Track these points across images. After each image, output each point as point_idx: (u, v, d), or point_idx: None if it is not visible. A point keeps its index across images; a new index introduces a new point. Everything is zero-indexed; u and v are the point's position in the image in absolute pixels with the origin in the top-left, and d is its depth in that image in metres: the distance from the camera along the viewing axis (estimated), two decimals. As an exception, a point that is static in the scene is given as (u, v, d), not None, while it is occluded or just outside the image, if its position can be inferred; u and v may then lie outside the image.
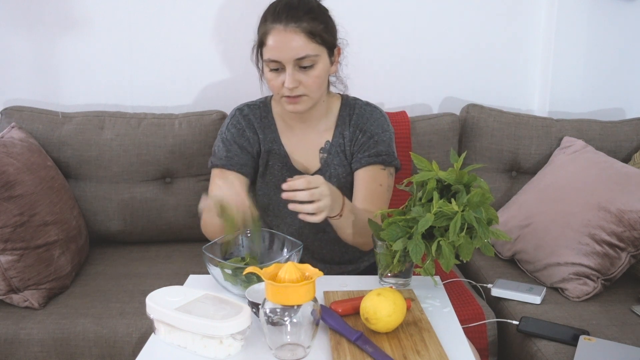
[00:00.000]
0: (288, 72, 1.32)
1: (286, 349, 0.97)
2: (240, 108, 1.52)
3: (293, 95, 1.35)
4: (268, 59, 1.33)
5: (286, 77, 1.32)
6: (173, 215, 2.00)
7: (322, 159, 1.48)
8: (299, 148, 1.49)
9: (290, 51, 1.31)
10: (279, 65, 1.33)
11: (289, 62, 1.31)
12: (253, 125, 1.49)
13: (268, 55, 1.33)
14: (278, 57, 1.32)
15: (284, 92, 1.35)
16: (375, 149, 1.44)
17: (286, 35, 1.31)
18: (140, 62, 2.14)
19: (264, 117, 1.50)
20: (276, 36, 1.31)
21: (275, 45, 1.31)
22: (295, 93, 1.34)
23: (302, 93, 1.35)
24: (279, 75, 1.34)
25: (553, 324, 1.47)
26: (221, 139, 1.49)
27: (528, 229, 1.81)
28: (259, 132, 1.49)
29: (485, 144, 2.08)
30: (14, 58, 2.10)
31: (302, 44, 1.31)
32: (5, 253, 1.55)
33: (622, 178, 1.75)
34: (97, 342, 1.51)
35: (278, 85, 1.35)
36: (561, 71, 2.20)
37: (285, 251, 1.27)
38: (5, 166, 1.59)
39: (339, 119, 1.49)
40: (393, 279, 1.25)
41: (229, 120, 1.51)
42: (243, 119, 1.49)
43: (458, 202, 1.10)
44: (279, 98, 1.39)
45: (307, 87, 1.35)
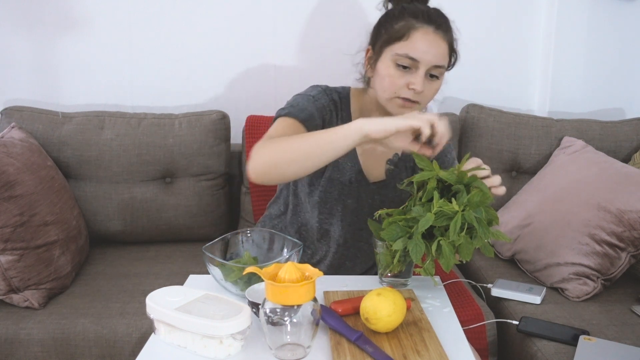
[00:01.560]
0: (420, 74, 1.26)
1: (286, 349, 0.97)
2: (329, 89, 1.40)
3: (413, 100, 1.29)
4: (405, 54, 1.26)
5: (417, 79, 1.26)
6: (173, 215, 2.00)
7: (388, 170, 1.44)
8: (368, 153, 1.43)
9: (434, 55, 1.26)
10: (412, 65, 1.26)
11: (426, 65, 1.26)
12: (337, 112, 1.40)
13: (407, 50, 1.26)
14: (419, 57, 1.25)
15: (404, 93, 1.28)
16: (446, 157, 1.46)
17: (435, 39, 1.26)
18: (140, 62, 2.14)
19: (342, 110, 1.42)
20: (425, 36, 1.26)
21: (421, 44, 1.25)
22: (416, 98, 1.28)
23: (419, 100, 1.29)
24: (404, 74, 1.27)
25: (553, 324, 1.47)
26: (307, 99, 1.35)
27: (528, 229, 1.82)
28: (338, 121, 1.40)
29: (485, 144, 2.08)
30: (14, 58, 2.10)
31: (444, 53, 1.28)
32: (5, 253, 1.55)
33: (622, 178, 1.75)
34: (97, 342, 1.51)
35: (400, 84, 1.28)
36: (561, 71, 2.20)
37: (285, 251, 1.27)
38: (5, 166, 1.59)
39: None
40: (393, 279, 1.25)
41: (318, 92, 1.38)
42: (330, 101, 1.39)
43: (458, 202, 1.10)
44: (390, 97, 1.30)
45: (426, 96, 1.30)
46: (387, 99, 1.30)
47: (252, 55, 2.17)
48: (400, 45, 1.26)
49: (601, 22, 2.17)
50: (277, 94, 2.19)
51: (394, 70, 1.27)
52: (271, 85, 2.19)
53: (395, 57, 1.27)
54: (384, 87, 1.29)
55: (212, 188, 2.03)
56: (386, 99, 1.31)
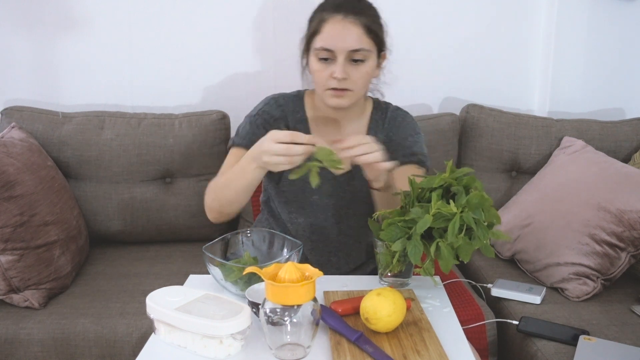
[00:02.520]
0: (339, 62, 1.30)
1: (286, 349, 0.97)
2: (275, 97, 1.47)
3: (340, 88, 1.32)
4: (320, 47, 1.31)
5: (337, 67, 1.30)
6: (173, 215, 2.00)
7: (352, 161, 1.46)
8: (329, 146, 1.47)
9: (347, 41, 1.29)
10: (331, 55, 1.31)
11: (342, 52, 1.30)
12: (286, 117, 1.45)
13: (321, 43, 1.31)
14: (332, 46, 1.30)
15: (330, 83, 1.32)
16: (410, 150, 1.45)
17: (345, 25, 1.30)
18: (140, 62, 2.14)
19: (296, 112, 1.46)
20: (334, 25, 1.30)
21: (331, 34, 1.30)
22: (342, 86, 1.32)
23: (348, 87, 1.33)
24: (327, 66, 1.32)
25: (553, 324, 1.47)
26: (249, 122, 1.44)
27: (528, 229, 1.82)
28: (290, 126, 1.44)
29: (485, 144, 2.08)
30: (14, 58, 2.10)
31: (359, 37, 1.30)
32: (5, 253, 1.55)
33: (622, 178, 1.75)
34: (97, 342, 1.51)
35: (326, 76, 1.32)
36: (561, 71, 2.20)
37: (285, 251, 1.27)
38: (5, 166, 1.59)
39: (372, 122, 1.48)
40: (393, 279, 1.25)
41: (262, 106, 1.46)
42: (278, 108, 1.45)
43: (457, 203, 1.10)
44: (322, 91, 1.35)
45: (355, 82, 1.33)
46: (321, 93, 1.37)
47: (252, 55, 2.16)
48: (317, 40, 1.33)
49: (601, 22, 2.17)
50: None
51: (318, 65, 1.33)
52: (271, 85, 2.18)
53: (315, 52, 1.33)
54: (316, 82, 1.37)
55: (212, 188, 2.03)
56: (321, 94, 1.37)
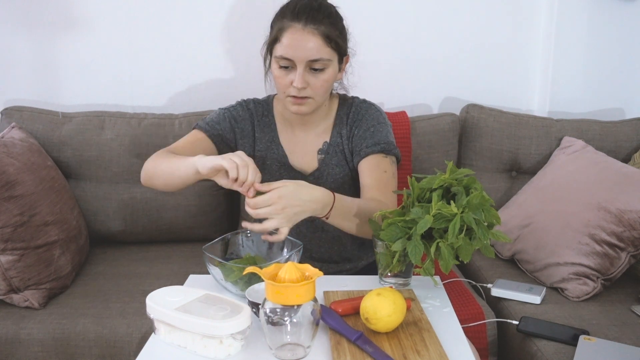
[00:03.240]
0: (299, 72, 1.31)
1: (286, 349, 0.97)
2: (247, 100, 1.52)
3: (299, 96, 1.34)
4: (280, 56, 1.32)
5: (296, 77, 1.31)
6: (173, 215, 2.00)
7: (319, 160, 1.49)
8: (297, 149, 1.49)
9: (305, 52, 1.30)
10: (290, 64, 1.32)
11: (302, 62, 1.31)
12: (253, 120, 1.49)
13: (281, 52, 1.32)
14: (291, 56, 1.31)
15: (290, 91, 1.34)
16: (373, 139, 1.44)
17: (304, 35, 1.30)
18: (140, 62, 2.14)
19: (264, 116, 1.50)
20: (293, 34, 1.30)
21: (290, 44, 1.30)
22: (301, 94, 1.34)
23: (308, 95, 1.35)
24: (287, 73, 1.34)
25: (553, 324, 1.47)
26: (218, 112, 1.49)
27: (528, 229, 1.82)
28: (257, 129, 1.49)
29: (485, 144, 2.08)
30: (14, 58, 2.10)
31: (318, 47, 1.31)
32: (5, 253, 1.55)
33: (622, 178, 1.75)
34: (97, 342, 1.51)
35: (285, 83, 1.34)
36: (561, 71, 2.20)
37: (285, 251, 1.27)
38: (5, 166, 1.59)
39: (337, 119, 1.49)
40: (393, 279, 1.25)
41: (234, 105, 1.51)
42: (247, 111, 1.50)
43: (457, 204, 1.10)
44: (283, 97, 1.38)
45: (315, 90, 1.35)
46: (282, 99, 1.39)
47: (251, 55, 2.16)
48: (277, 48, 1.33)
49: (601, 22, 2.17)
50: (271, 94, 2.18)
51: (278, 72, 1.35)
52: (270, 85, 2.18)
53: (276, 59, 1.34)
54: (277, 88, 1.39)
55: (212, 188, 2.03)
56: (282, 99, 1.39)
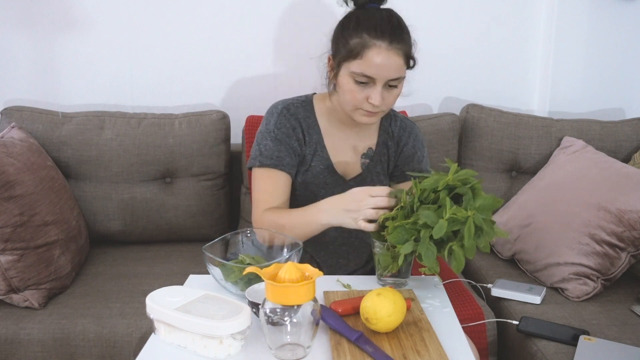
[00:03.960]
0: (378, 90, 1.29)
1: (286, 349, 0.97)
2: (286, 106, 1.45)
3: (374, 111, 1.33)
4: (361, 73, 1.29)
5: (374, 95, 1.29)
6: (173, 215, 2.00)
7: (363, 165, 1.47)
8: (341, 152, 1.47)
9: (389, 71, 1.29)
10: (370, 81, 1.30)
11: (383, 81, 1.29)
12: (301, 125, 1.44)
13: (362, 69, 1.29)
14: (375, 74, 1.28)
15: (365, 106, 1.32)
16: (419, 166, 1.49)
17: (389, 55, 1.28)
18: (140, 62, 2.14)
19: (307, 118, 1.46)
20: (378, 54, 1.27)
21: (375, 63, 1.27)
22: (376, 110, 1.33)
23: (381, 109, 1.34)
24: (363, 89, 1.31)
25: (553, 324, 1.47)
26: (270, 138, 1.42)
27: (528, 229, 1.82)
28: (305, 133, 1.44)
29: (485, 144, 2.08)
30: (14, 58, 2.10)
31: (400, 67, 1.30)
32: (5, 253, 1.55)
33: (622, 178, 1.75)
34: (97, 342, 1.51)
35: (360, 98, 1.31)
36: (561, 71, 2.20)
37: (285, 251, 1.27)
38: (5, 166, 1.59)
39: (382, 129, 1.49)
40: (391, 279, 1.25)
41: (276, 118, 1.43)
42: (292, 117, 1.43)
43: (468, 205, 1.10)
44: (353, 109, 1.35)
45: (387, 104, 1.34)
46: (350, 110, 1.37)
47: (252, 55, 2.16)
48: (356, 64, 1.30)
49: (601, 22, 2.17)
50: (277, 93, 2.18)
51: (353, 86, 1.32)
52: (271, 85, 2.19)
53: (353, 74, 1.31)
54: (346, 100, 1.35)
55: (212, 188, 2.03)
56: (349, 110, 1.37)
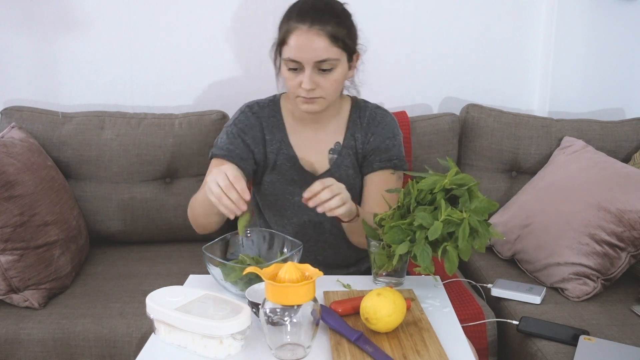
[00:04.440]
0: (307, 73, 1.31)
1: (286, 349, 0.97)
2: (250, 105, 1.50)
3: (309, 97, 1.34)
4: (288, 58, 1.32)
5: (304, 79, 1.31)
6: (173, 215, 2.00)
7: (331, 160, 1.48)
8: (308, 148, 1.48)
9: (312, 53, 1.30)
10: (298, 65, 1.32)
11: (309, 63, 1.31)
12: (261, 124, 1.47)
13: (288, 54, 1.32)
14: (298, 58, 1.30)
15: (299, 92, 1.34)
16: (387, 154, 1.46)
17: (309, 36, 1.30)
18: (140, 62, 2.14)
19: (272, 117, 1.48)
20: (299, 36, 1.30)
21: (297, 45, 1.30)
22: (311, 95, 1.34)
23: (318, 95, 1.35)
24: (297, 75, 1.33)
25: (553, 324, 1.47)
26: (226, 132, 1.46)
27: (528, 229, 1.81)
28: (266, 132, 1.47)
29: (485, 144, 2.08)
30: (14, 58, 2.10)
31: (324, 47, 1.30)
32: (5, 253, 1.55)
33: (622, 178, 1.75)
34: (97, 342, 1.51)
35: (295, 84, 1.34)
36: (561, 71, 2.20)
37: (286, 251, 1.27)
38: (5, 166, 1.59)
39: (350, 121, 1.49)
40: (387, 278, 1.25)
41: (237, 115, 1.49)
42: (252, 116, 1.47)
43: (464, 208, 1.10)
44: (294, 97, 1.38)
45: (324, 90, 1.35)
46: (293, 99, 1.39)
47: (252, 55, 2.16)
48: (286, 50, 1.33)
49: (601, 22, 2.17)
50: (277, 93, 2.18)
51: (287, 73, 1.35)
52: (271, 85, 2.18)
53: (284, 61, 1.34)
54: (287, 88, 1.39)
55: (212, 188, 2.03)
56: (293, 100, 1.40)
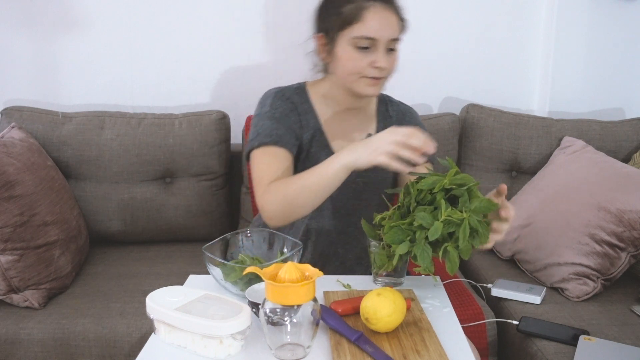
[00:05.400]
0: (381, 51, 1.29)
1: (286, 349, 0.97)
2: (279, 91, 1.43)
3: (378, 77, 1.32)
4: (362, 36, 1.28)
5: (380, 57, 1.29)
6: (173, 215, 2.00)
7: None
8: (340, 137, 1.45)
9: (389, 30, 1.29)
10: (371, 44, 1.29)
11: (385, 40, 1.29)
12: (297, 108, 1.41)
13: (363, 32, 1.28)
14: (377, 35, 1.28)
15: (370, 72, 1.31)
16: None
17: (386, 14, 1.29)
18: (140, 62, 2.14)
19: (303, 103, 1.43)
20: (377, 14, 1.28)
21: (374, 23, 1.28)
22: (381, 74, 1.32)
23: (384, 75, 1.33)
24: (366, 55, 1.30)
25: (553, 324, 1.47)
26: (267, 117, 1.38)
27: (528, 229, 1.82)
28: (302, 118, 1.41)
29: (485, 144, 2.08)
30: (14, 58, 2.10)
31: (397, 25, 1.31)
32: (5, 253, 1.55)
33: (622, 178, 1.75)
34: (97, 342, 1.51)
35: (364, 64, 1.30)
36: (561, 71, 2.20)
37: (285, 251, 1.27)
38: (5, 166, 1.59)
39: (379, 114, 1.48)
40: (387, 278, 1.25)
41: (272, 100, 1.41)
42: (287, 101, 1.41)
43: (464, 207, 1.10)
44: (356, 79, 1.33)
45: (389, 70, 1.33)
46: (353, 81, 1.34)
47: (252, 55, 2.17)
48: (356, 28, 1.29)
49: (601, 22, 2.17)
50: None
51: (355, 54, 1.30)
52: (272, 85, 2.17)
53: (353, 40, 1.30)
54: (348, 70, 1.33)
55: (212, 188, 2.03)
56: (352, 81, 1.34)
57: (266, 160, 1.34)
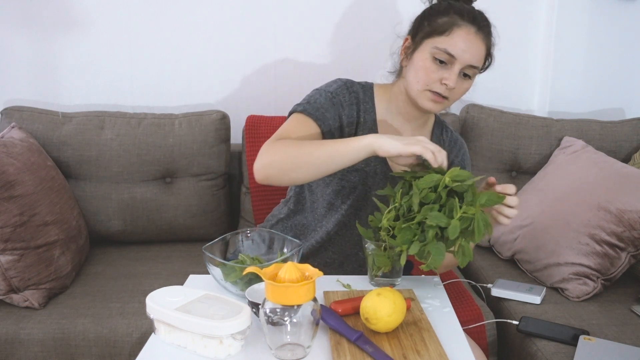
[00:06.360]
0: (454, 71, 1.28)
1: (286, 349, 0.97)
2: (351, 82, 1.41)
3: (443, 95, 1.31)
4: (444, 50, 1.28)
5: (451, 75, 1.28)
6: (173, 215, 2.00)
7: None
8: None
9: (471, 55, 1.28)
10: (449, 60, 1.28)
11: (462, 63, 1.28)
12: (359, 104, 1.39)
13: (446, 45, 1.27)
14: (457, 54, 1.28)
15: (435, 87, 1.30)
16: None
17: (476, 40, 1.29)
18: (140, 62, 2.14)
19: (366, 102, 1.41)
20: (467, 35, 1.28)
21: (461, 42, 1.28)
22: (446, 94, 1.31)
23: (449, 96, 1.32)
24: (439, 69, 1.29)
25: (553, 324, 1.47)
26: (325, 97, 1.35)
27: (528, 229, 1.82)
28: (361, 114, 1.39)
29: (485, 144, 2.08)
30: (14, 58, 2.10)
31: (481, 56, 1.31)
32: (5, 253, 1.55)
33: (622, 178, 1.75)
34: (97, 342, 1.51)
35: (434, 78, 1.29)
36: (561, 71, 2.20)
37: (285, 251, 1.27)
38: (5, 166, 1.59)
39: (434, 135, 1.48)
40: (384, 279, 1.25)
41: (339, 86, 1.38)
42: (352, 94, 1.39)
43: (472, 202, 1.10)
44: (421, 88, 1.31)
45: (455, 94, 1.32)
46: (418, 91, 1.32)
47: (252, 55, 2.17)
48: (441, 40, 1.28)
49: (601, 22, 2.17)
50: (277, 94, 2.19)
51: (430, 63, 1.29)
52: (271, 85, 2.19)
53: (434, 50, 1.29)
54: (418, 78, 1.31)
55: (212, 188, 2.03)
56: (417, 91, 1.32)
57: (298, 126, 1.31)
